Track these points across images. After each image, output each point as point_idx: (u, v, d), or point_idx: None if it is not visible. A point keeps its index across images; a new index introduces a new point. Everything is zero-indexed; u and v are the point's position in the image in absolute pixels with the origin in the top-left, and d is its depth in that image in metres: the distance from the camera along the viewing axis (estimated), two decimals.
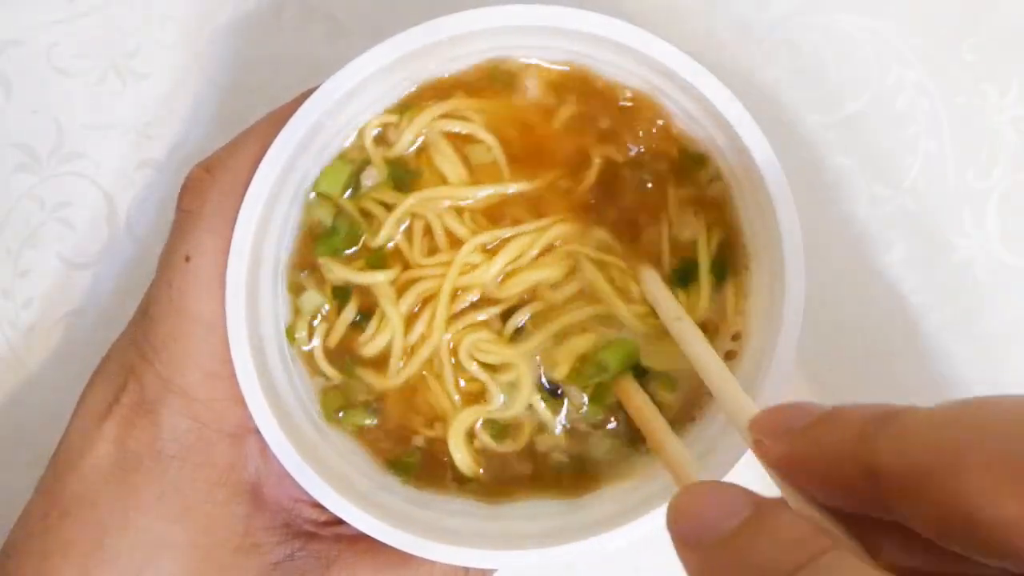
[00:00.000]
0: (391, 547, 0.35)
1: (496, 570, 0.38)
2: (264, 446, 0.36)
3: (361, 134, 0.39)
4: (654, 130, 0.39)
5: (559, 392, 0.39)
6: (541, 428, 0.40)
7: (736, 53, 0.48)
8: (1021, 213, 0.47)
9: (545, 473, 0.40)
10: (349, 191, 0.39)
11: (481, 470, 0.40)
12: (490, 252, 0.39)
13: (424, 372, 0.39)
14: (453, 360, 0.39)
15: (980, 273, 0.47)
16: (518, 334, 0.39)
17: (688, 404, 0.39)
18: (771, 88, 0.48)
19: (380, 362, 0.39)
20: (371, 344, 0.39)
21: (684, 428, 0.39)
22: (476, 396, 0.39)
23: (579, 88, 0.39)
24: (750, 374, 0.37)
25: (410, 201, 0.38)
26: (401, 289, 0.39)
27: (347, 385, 0.39)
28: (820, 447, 0.25)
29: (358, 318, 0.39)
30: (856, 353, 0.47)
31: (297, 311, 0.39)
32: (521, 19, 0.35)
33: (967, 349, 0.47)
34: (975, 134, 0.48)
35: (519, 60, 0.39)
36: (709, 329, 0.39)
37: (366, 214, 0.39)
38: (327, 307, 0.39)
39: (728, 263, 0.39)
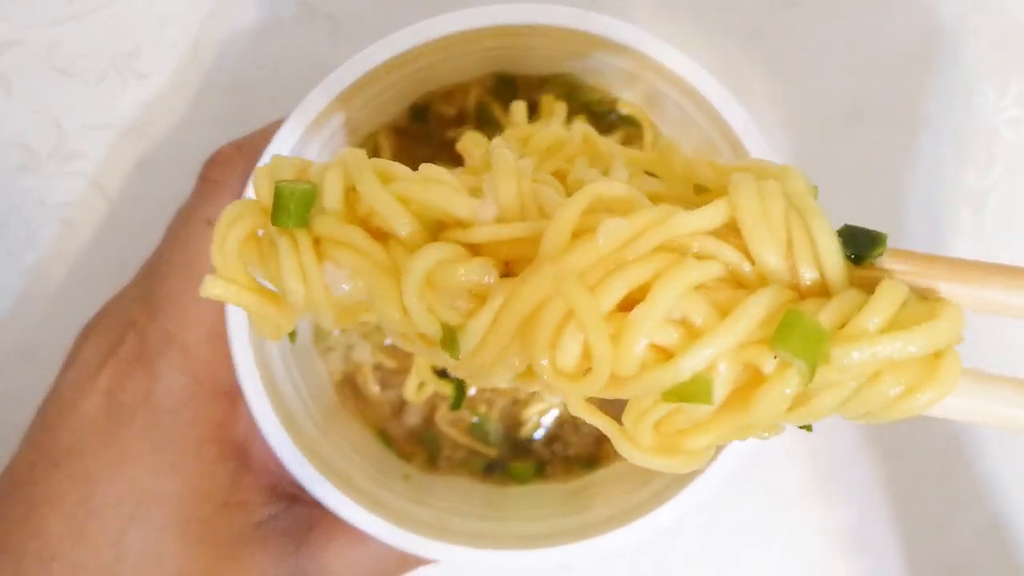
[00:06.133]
0: None
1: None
2: None
3: None
4: None
5: None
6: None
7: (736, 53, 0.48)
8: (1020, 213, 0.48)
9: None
10: None
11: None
12: None
13: None
14: None
15: None
16: None
17: None
18: (769, 88, 0.48)
19: None
20: None
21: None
22: None
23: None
24: None
25: None
26: None
27: None
28: None
29: None
30: None
31: None
32: (521, 18, 0.35)
33: (965, 348, 0.47)
34: (974, 135, 0.48)
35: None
36: None
37: None
38: None
39: None
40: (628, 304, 0.22)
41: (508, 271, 0.24)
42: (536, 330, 0.22)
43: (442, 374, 0.42)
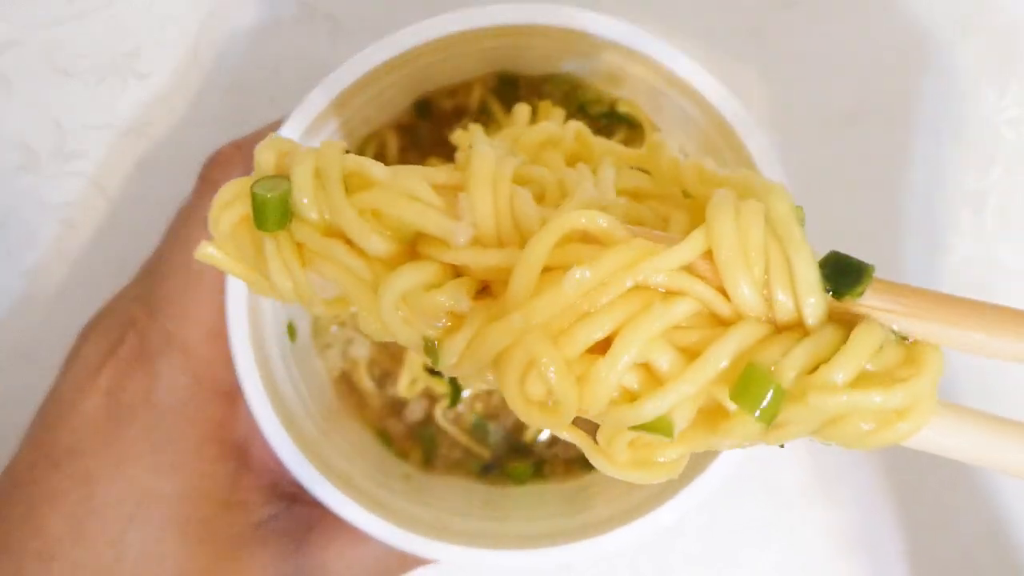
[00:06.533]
0: None
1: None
2: None
3: None
4: None
5: None
6: None
7: (736, 53, 0.48)
8: (1020, 213, 0.48)
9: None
10: None
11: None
12: None
13: None
14: None
15: (979, 273, 0.47)
16: None
17: None
18: (769, 88, 0.48)
19: None
20: None
21: None
22: None
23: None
24: None
25: None
26: None
27: None
28: None
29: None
30: None
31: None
32: (521, 18, 0.35)
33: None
34: (974, 135, 0.48)
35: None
36: None
37: None
38: None
39: None
40: (601, 344, 0.22)
41: (487, 288, 0.24)
42: (506, 367, 0.23)
43: (435, 371, 0.42)
